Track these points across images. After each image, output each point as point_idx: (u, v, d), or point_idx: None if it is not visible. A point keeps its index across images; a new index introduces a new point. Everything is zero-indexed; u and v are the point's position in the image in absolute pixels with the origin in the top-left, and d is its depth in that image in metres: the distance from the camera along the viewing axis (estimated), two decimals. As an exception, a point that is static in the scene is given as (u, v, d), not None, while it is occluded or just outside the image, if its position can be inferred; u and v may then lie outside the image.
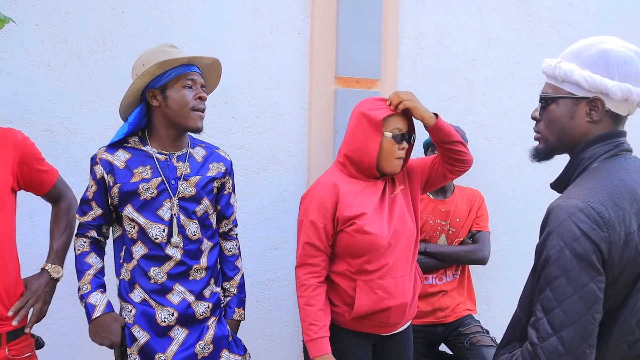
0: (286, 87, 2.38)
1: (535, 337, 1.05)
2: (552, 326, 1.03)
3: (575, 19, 2.81)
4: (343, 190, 1.75)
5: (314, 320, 1.69)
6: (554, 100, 1.19)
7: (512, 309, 2.85)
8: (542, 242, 1.09)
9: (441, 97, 2.62)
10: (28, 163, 1.56)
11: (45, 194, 1.68)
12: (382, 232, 1.71)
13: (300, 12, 2.39)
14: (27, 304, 1.53)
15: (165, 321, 1.61)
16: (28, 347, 1.55)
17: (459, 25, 2.64)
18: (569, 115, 1.17)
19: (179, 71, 1.61)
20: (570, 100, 1.16)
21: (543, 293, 1.06)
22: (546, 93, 1.21)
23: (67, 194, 1.72)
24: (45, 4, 2.07)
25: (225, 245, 1.83)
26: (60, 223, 1.69)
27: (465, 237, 2.36)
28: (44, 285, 1.59)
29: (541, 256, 1.08)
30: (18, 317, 1.50)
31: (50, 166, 1.67)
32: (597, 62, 1.12)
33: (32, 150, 1.59)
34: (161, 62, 1.58)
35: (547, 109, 1.21)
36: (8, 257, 1.51)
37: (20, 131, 1.58)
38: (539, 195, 2.77)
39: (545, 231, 1.09)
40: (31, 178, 1.59)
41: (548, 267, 1.05)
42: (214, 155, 1.77)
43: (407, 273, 1.78)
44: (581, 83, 1.13)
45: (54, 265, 1.63)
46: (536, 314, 1.07)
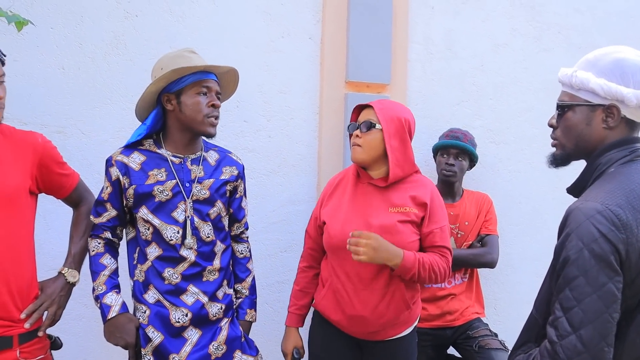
0: (297, 91, 2.40)
1: (555, 335, 1.07)
2: (571, 324, 1.05)
3: (582, 24, 2.83)
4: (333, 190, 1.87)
5: (293, 296, 1.93)
6: (570, 107, 1.23)
7: (520, 312, 2.85)
8: (561, 243, 1.11)
9: (450, 102, 2.64)
10: (48, 166, 1.57)
11: (65, 198, 1.69)
12: (339, 235, 1.74)
13: (311, 17, 2.42)
14: (41, 307, 1.53)
15: (179, 322, 1.62)
16: (41, 349, 1.53)
17: (468, 31, 2.66)
18: (585, 122, 1.21)
19: (195, 78, 1.63)
20: (586, 107, 1.21)
21: (562, 292, 1.08)
22: (563, 101, 1.26)
23: (88, 197, 1.73)
24: (60, 7, 2.10)
25: (237, 248, 1.85)
26: (80, 227, 1.70)
27: (474, 240, 2.38)
28: (59, 289, 1.59)
29: (560, 257, 1.11)
30: (31, 319, 1.49)
31: (72, 170, 1.68)
32: (612, 70, 1.17)
33: (53, 153, 1.60)
34: (177, 68, 1.60)
35: (564, 116, 1.25)
36: (24, 259, 1.51)
37: (41, 134, 1.59)
38: (547, 199, 2.78)
39: (563, 232, 1.11)
40: (51, 181, 1.60)
41: (567, 267, 1.08)
42: (227, 159, 1.79)
43: (376, 287, 1.72)
44: (597, 91, 1.17)
45: (70, 270, 1.64)
46: (555, 313, 1.09)
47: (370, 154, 1.76)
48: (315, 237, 1.89)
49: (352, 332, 1.80)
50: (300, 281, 1.93)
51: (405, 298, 1.76)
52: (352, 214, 1.77)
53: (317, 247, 1.90)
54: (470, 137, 2.40)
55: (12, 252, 1.46)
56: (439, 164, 2.37)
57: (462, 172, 2.37)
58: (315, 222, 1.88)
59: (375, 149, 1.75)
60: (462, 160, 2.35)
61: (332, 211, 1.81)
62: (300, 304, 1.91)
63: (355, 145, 1.77)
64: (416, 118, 2.55)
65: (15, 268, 1.47)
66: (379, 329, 1.76)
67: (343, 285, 1.75)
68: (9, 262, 1.45)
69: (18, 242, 1.48)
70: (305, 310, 1.93)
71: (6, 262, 1.44)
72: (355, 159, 1.78)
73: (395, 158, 1.74)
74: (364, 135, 1.75)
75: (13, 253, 1.47)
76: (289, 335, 1.91)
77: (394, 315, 1.75)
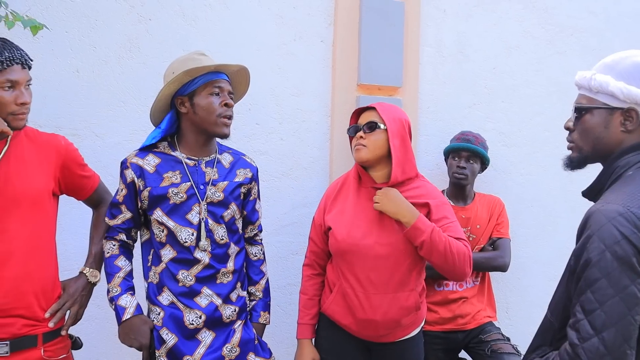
0: (309, 94, 2.41)
1: (576, 338, 1.07)
2: (593, 327, 1.05)
3: (596, 27, 2.82)
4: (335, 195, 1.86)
5: (303, 307, 1.88)
6: (588, 110, 1.23)
7: (532, 316, 2.83)
8: (582, 245, 1.10)
9: (462, 105, 2.63)
10: (70, 168, 1.61)
11: (86, 199, 1.73)
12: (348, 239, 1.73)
13: (323, 20, 2.42)
14: (64, 307, 1.57)
15: (193, 324, 1.63)
16: (63, 348, 1.57)
17: (480, 34, 2.65)
18: (603, 125, 1.21)
19: (207, 78, 1.64)
20: (605, 110, 1.20)
21: (583, 295, 1.07)
22: (580, 104, 1.25)
23: (108, 199, 1.75)
24: (74, 11, 2.12)
25: (251, 250, 1.86)
26: (100, 227, 1.72)
27: (485, 244, 2.37)
28: (81, 288, 1.63)
29: (580, 259, 1.10)
30: (55, 319, 1.53)
31: (92, 172, 1.71)
32: (632, 74, 1.17)
33: (75, 155, 1.63)
34: (188, 70, 1.61)
35: (581, 119, 1.25)
36: (48, 259, 1.55)
37: (64, 137, 1.63)
38: (559, 202, 2.77)
39: (584, 235, 1.11)
40: (73, 183, 1.64)
41: (588, 270, 1.07)
42: (241, 162, 1.80)
43: (388, 291, 1.72)
44: (617, 94, 1.17)
45: (92, 270, 1.67)
46: (576, 315, 1.08)
47: (375, 154, 1.76)
48: (320, 243, 1.87)
49: (361, 336, 1.79)
50: (309, 290, 1.89)
51: (417, 301, 1.77)
52: (358, 218, 1.77)
53: (322, 253, 1.89)
54: (482, 139, 2.39)
55: (37, 253, 1.50)
56: (450, 167, 2.36)
57: (474, 175, 2.36)
58: (320, 228, 1.86)
59: (381, 148, 1.76)
60: (474, 163, 2.34)
61: (337, 216, 1.81)
62: (312, 313, 1.87)
63: (359, 146, 1.77)
64: (427, 121, 2.59)
65: (39, 269, 1.50)
66: (389, 332, 1.77)
67: (353, 289, 1.74)
68: (34, 263, 1.49)
69: (42, 243, 1.52)
70: (317, 320, 1.89)
71: (31, 263, 1.48)
72: (360, 158, 1.78)
73: (397, 158, 1.75)
74: (368, 136, 1.77)
75: (38, 254, 1.50)
76: (304, 348, 1.85)
77: (404, 318, 1.75)
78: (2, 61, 1.39)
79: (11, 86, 1.42)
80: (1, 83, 1.41)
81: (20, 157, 1.47)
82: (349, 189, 1.84)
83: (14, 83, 1.43)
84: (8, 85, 1.42)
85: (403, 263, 1.73)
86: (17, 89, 1.43)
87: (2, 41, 1.45)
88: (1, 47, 1.41)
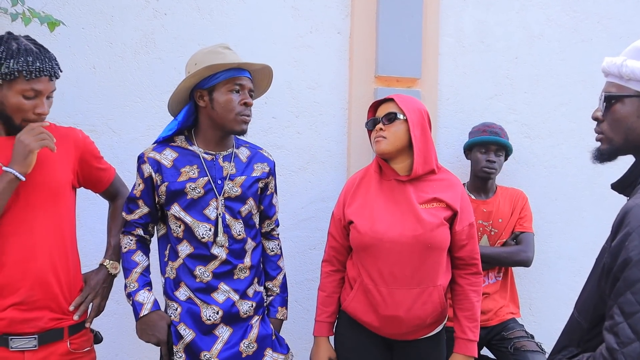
0: (326, 87, 2.37)
1: (615, 343, 1.00)
2: (634, 331, 0.98)
3: (623, 13, 2.71)
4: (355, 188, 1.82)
5: (321, 304, 1.86)
6: (619, 99, 1.15)
7: (557, 312, 2.77)
8: (619, 243, 1.04)
9: (483, 96, 2.56)
10: (87, 161, 1.62)
11: (103, 192, 1.74)
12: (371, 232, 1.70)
13: (340, 11, 2.38)
14: (87, 299, 1.59)
15: (210, 319, 1.62)
16: (87, 341, 1.60)
17: (502, 22, 2.58)
18: (636, 115, 1.13)
19: (228, 75, 1.62)
20: (637, 98, 1.13)
21: (622, 296, 1.01)
22: (610, 92, 1.17)
23: (124, 191, 1.77)
24: (91, 7, 2.12)
25: (268, 245, 1.84)
26: (118, 220, 1.73)
27: (508, 238, 2.31)
28: (102, 280, 1.64)
29: (617, 258, 1.04)
30: (79, 311, 1.56)
31: (108, 164, 1.73)
32: None
33: (92, 148, 1.65)
34: (210, 65, 1.59)
35: (611, 109, 1.17)
36: (70, 252, 1.57)
37: (81, 130, 1.65)
38: (585, 195, 2.69)
39: (622, 232, 1.04)
40: (90, 175, 1.65)
41: (629, 270, 1.00)
42: (258, 156, 1.77)
43: (412, 286, 1.69)
44: None
45: (112, 262, 1.69)
46: (614, 317, 1.02)
47: (395, 145, 1.73)
48: (340, 238, 1.83)
49: (384, 334, 1.76)
50: (327, 286, 1.85)
51: (441, 297, 1.72)
52: (381, 210, 1.73)
53: (342, 248, 1.85)
54: (505, 131, 2.33)
55: (60, 246, 1.52)
56: (477, 161, 2.29)
57: (501, 168, 2.31)
58: (340, 223, 1.82)
59: (401, 139, 1.73)
60: (501, 156, 2.29)
61: (359, 209, 1.76)
62: (330, 311, 1.84)
63: (379, 138, 1.74)
64: (448, 113, 2.54)
65: (63, 261, 1.52)
66: (413, 330, 1.72)
67: (376, 285, 1.70)
68: (58, 256, 1.51)
69: (64, 235, 1.54)
70: (335, 317, 1.86)
71: (55, 255, 1.50)
72: (380, 150, 1.74)
73: (419, 148, 1.72)
74: (388, 127, 1.73)
75: (61, 246, 1.52)
76: (321, 345, 1.83)
77: (429, 315, 1.71)
78: (32, 71, 1.40)
79: (34, 96, 1.44)
80: (25, 91, 1.42)
81: (41, 150, 1.47)
82: (370, 182, 1.80)
83: (37, 93, 1.44)
84: (31, 95, 1.43)
85: (428, 257, 1.69)
86: (38, 99, 1.45)
87: (38, 49, 1.46)
88: (35, 55, 1.42)
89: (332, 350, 1.84)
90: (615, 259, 1.05)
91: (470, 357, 1.76)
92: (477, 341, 1.77)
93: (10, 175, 1.40)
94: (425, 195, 1.73)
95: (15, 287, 1.45)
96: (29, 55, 1.41)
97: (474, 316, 1.76)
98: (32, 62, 1.40)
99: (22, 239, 1.45)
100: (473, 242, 1.77)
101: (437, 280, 1.71)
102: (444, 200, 1.73)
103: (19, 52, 1.40)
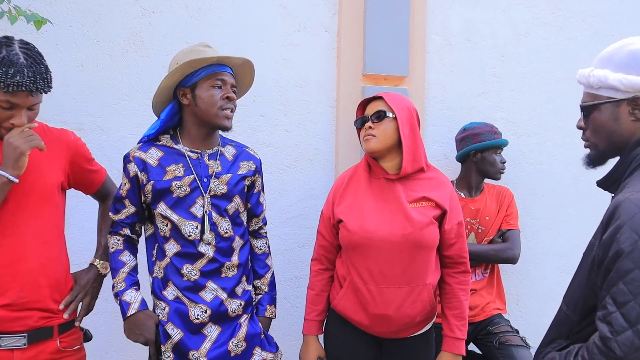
0: (314, 85, 2.38)
1: (608, 332, 1.04)
2: (627, 320, 1.02)
3: (608, 11, 2.74)
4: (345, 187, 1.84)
5: (310, 302, 1.86)
6: (595, 107, 1.22)
7: (543, 308, 2.80)
8: (611, 235, 1.08)
9: (470, 94, 2.59)
10: (79, 163, 1.62)
11: (93, 193, 1.75)
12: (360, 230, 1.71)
13: (327, 9, 2.39)
14: (77, 298, 1.59)
15: (198, 318, 1.63)
16: (77, 339, 1.60)
17: (488, 21, 2.60)
18: (613, 119, 1.19)
19: (209, 70, 1.63)
20: (610, 104, 1.20)
21: (615, 286, 1.04)
22: (586, 102, 1.24)
23: (114, 192, 1.76)
24: (78, 5, 2.11)
25: (256, 244, 1.84)
26: (108, 220, 1.74)
27: (494, 235, 2.33)
28: (92, 280, 1.65)
29: (609, 250, 1.07)
30: (68, 310, 1.56)
31: (99, 166, 1.73)
32: (628, 63, 1.16)
33: (83, 150, 1.65)
34: (191, 60, 1.59)
35: (590, 117, 1.24)
36: (59, 252, 1.57)
37: (72, 132, 1.64)
38: (571, 192, 2.72)
39: (613, 225, 1.08)
40: (81, 177, 1.65)
41: (621, 261, 1.04)
42: (244, 154, 1.78)
43: (401, 285, 1.69)
44: (618, 86, 1.16)
45: (102, 261, 1.70)
46: (607, 307, 1.05)
47: (385, 143, 1.74)
48: (329, 237, 1.84)
49: (373, 332, 1.76)
50: (317, 285, 1.86)
51: (431, 295, 1.73)
52: (371, 209, 1.74)
53: (331, 247, 1.85)
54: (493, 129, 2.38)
55: (49, 247, 1.52)
56: (494, 163, 2.30)
57: None
58: (329, 221, 1.82)
59: (390, 137, 1.74)
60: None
61: (348, 208, 1.77)
62: (319, 309, 1.84)
63: (369, 136, 1.74)
64: (435, 110, 2.55)
65: (52, 262, 1.52)
66: (402, 328, 1.74)
67: (365, 283, 1.71)
68: (47, 257, 1.51)
69: (53, 236, 1.54)
70: (324, 316, 1.87)
71: (44, 257, 1.50)
72: (370, 149, 1.75)
73: (408, 146, 1.73)
74: (377, 125, 1.74)
75: (50, 248, 1.52)
76: (310, 344, 1.84)
77: (418, 314, 1.72)
78: (9, 84, 1.34)
79: (10, 107, 1.39)
80: (1, 101, 1.37)
81: (32, 153, 1.47)
82: (359, 180, 1.81)
83: (14, 105, 1.39)
84: (7, 106, 1.38)
85: (417, 256, 1.69)
86: (15, 110, 1.40)
87: (28, 61, 1.37)
88: (18, 68, 1.34)
89: (321, 349, 1.85)
90: (606, 251, 1.08)
91: (458, 356, 1.77)
92: (465, 339, 1.78)
93: (3, 178, 1.39)
94: (415, 194, 1.74)
95: (4, 289, 1.44)
96: (12, 67, 1.34)
97: (462, 315, 1.78)
98: (12, 75, 1.33)
99: (11, 241, 1.45)
100: (462, 240, 1.78)
101: (426, 278, 1.72)
102: (433, 199, 1.73)
103: (2, 62, 1.34)
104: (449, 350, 1.77)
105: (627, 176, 1.17)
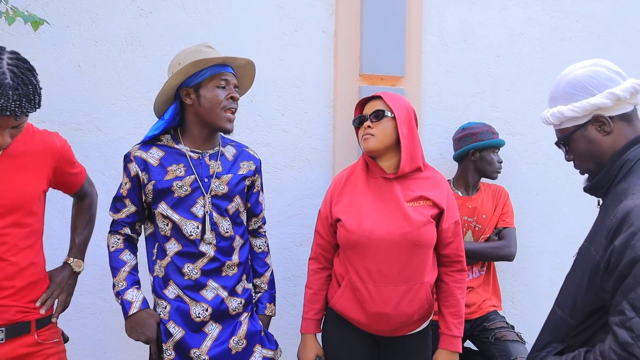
0: (311, 85, 2.40)
1: (629, 337, 1.05)
2: None
3: (601, 12, 2.78)
4: (342, 186, 1.84)
5: (308, 301, 1.87)
6: (568, 139, 1.30)
7: (538, 305, 2.82)
8: (625, 242, 1.09)
9: (465, 94, 2.61)
10: (62, 168, 1.61)
11: (73, 193, 1.74)
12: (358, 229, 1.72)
13: (324, 10, 2.40)
14: (53, 295, 1.60)
15: (199, 317, 1.64)
16: (56, 333, 1.60)
17: (483, 21, 2.62)
18: (588, 142, 1.27)
19: (213, 71, 1.64)
20: (579, 131, 1.28)
21: (633, 292, 1.06)
22: (559, 139, 1.34)
23: (91, 190, 1.77)
24: (75, 6, 2.11)
25: (255, 243, 1.86)
26: (83, 218, 1.74)
27: (491, 233, 2.36)
28: (67, 277, 1.65)
29: (623, 256, 1.09)
30: (45, 306, 1.56)
31: (81, 167, 1.71)
32: (571, 93, 1.27)
33: (68, 155, 1.63)
34: (196, 61, 1.60)
35: (570, 150, 1.32)
36: (37, 256, 1.57)
37: (57, 134, 1.61)
38: (565, 191, 2.75)
39: (626, 232, 1.09)
40: (63, 181, 1.65)
41: (638, 267, 1.06)
42: (244, 154, 1.79)
43: (399, 283, 1.71)
44: (575, 115, 1.26)
45: (76, 260, 1.69)
46: (625, 313, 1.07)
47: (383, 143, 1.75)
48: (327, 236, 1.84)
49: (371, 330, 1.77)
50: (314, 284, 1.86)
51: (428, 294, 1.75)
52: (369, 208, 1.75)
53: (329, 246, 1.86)
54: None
55: (29, 253, 1.52)
56: (492, 162, 2.33)
57: None
58: (327, 220, 1.83)
59: (389, 137, 1.75)
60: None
61: (346, 207, 1.77)
62: (317, 308, 1.85)
63: (367, 135, 1.75)
64: (431, 110, 2.57)
65: (31, 266, 1.53)
66: (400, 326, 1.75)
67: (363, 282, 1.72)
68: (26, 262, 1.51)
69: (33, 242, 1.54)
70: (322, 315, 1.87)
71: (23, 262, 1.50)
72: (369, 148, 1.76)
73: (406, 146, 1.74)
74: (376, 125, 1.75)
75: (30, 253, 1.53)
76: (308, 343, 1.84)
77: (416, 312, 1.73)
78: None
79: None
80: None
81: (14, 163, 1.46)
82: (357, 179, 1.81)
83: None
84: None
85: (415, 255, 1.70)
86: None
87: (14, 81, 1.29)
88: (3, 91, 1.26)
89: (319, 348, 1.86)
90: (620, 257, 1.10)
91: (455, 353, 1.79)
92: (462, 337, 1.80)
93: None
94: (412, 193, 1.75)
95: None
96: None
97: (459, 312, 1.79)
98: None
99: None
100: (458, 239, 1.80)
101: (424, 277, 1.73)
102: (431, 199, 1.75)
103: None
104: (445, 348, 1.79)
105: (620, 181, 1.20)
